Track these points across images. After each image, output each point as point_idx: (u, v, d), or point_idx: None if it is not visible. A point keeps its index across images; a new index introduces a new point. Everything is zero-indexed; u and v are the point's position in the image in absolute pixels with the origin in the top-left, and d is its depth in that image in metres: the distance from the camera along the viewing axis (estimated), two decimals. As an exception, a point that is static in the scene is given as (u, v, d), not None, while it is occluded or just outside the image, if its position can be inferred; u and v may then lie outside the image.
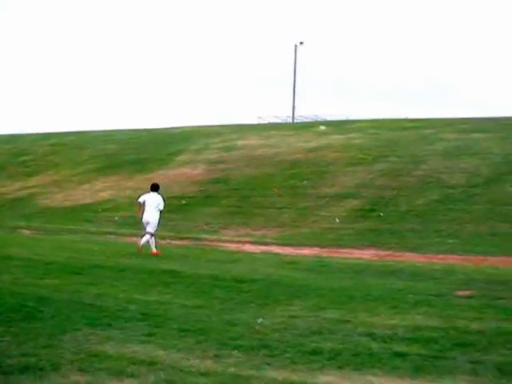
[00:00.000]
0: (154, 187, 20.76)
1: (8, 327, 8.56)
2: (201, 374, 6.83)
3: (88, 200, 36.31)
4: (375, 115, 65.56)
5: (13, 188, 42.18)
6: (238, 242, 24.37)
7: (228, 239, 25.11)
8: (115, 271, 14.69)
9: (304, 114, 70.86)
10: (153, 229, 20.03)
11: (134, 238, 24.94)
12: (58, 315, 9.40)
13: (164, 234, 26.17)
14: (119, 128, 60.63)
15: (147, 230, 19.97)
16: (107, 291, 11.90)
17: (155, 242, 20.02)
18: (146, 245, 19.74)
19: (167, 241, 24.43)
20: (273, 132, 47.97)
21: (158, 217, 20.32)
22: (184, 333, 8.61)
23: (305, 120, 67.23)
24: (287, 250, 21.82)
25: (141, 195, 20.98)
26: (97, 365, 7.03)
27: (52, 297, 10.95)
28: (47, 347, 7.67)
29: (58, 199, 37.64)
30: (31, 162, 48.17)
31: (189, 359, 7.39)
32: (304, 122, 62.69)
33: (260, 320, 9.43)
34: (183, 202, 32.61)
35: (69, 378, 6.62)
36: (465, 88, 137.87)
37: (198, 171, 38.39)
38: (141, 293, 11.91)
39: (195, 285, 13.04)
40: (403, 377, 6.88)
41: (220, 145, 44.46)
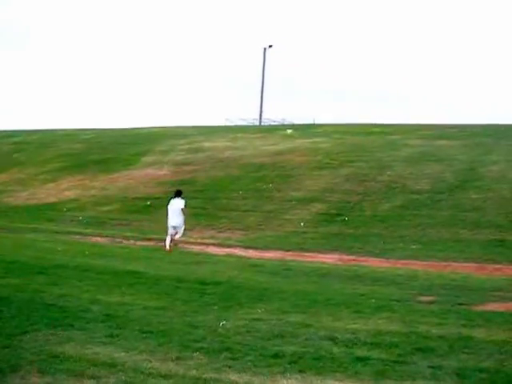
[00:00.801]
0: (178, 193, 22.72)
1: (-33, 327, 8.47)
2: (162, 377, 6.80)
3: (52, 199, 35.98)
4: (342, 119, 65.89)
5: (-25, 186, 41.67)
6: (203, 244, 24.32)
7: (192, 241, 25.03)
8: (79, 271, 14.57)
9: (271, 117, 71.07)
10: (180, 234, 22.26)
11: (99, 239, 24.85)
12: (19, 315, 9.30)
13: (128, 235, 26.10)
14: (85, 127, 60.29)
15: (172, 233, 22.12)
16: (70, 291, 11.80)
17: (171, 242, 21.96)
18: (176, 241, 22.25)
19: (131, 241, 24.32)
20: (240, 135, 48.02)
21: (182, 218, 22.19)
22: (146, 334, 8.56)
23: (272, 123, 67.38)
24: (251, 253, 21.82)
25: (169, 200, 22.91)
26: (57, 366, 6.97)
27: (13, 297, 10.81)
28: (6, 348, 7.59)
29: (22, 198, 37.25)
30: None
31: (150, 361, 7.35)
32: (271, 125, 62.83)
33: (223, 323, 9.41)
34: (148, 203, 32.49)
35: (28, 380, 6.55)
36: (429, 94, 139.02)
37: (164, 172, 38.28)
38: (104, 293, 11.84)
39: (158, 286, 12.99)
40: (364, 381, 6.91)
41: (186, 146, 44.39)
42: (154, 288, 12.77)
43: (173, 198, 22.56)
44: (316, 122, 61.52)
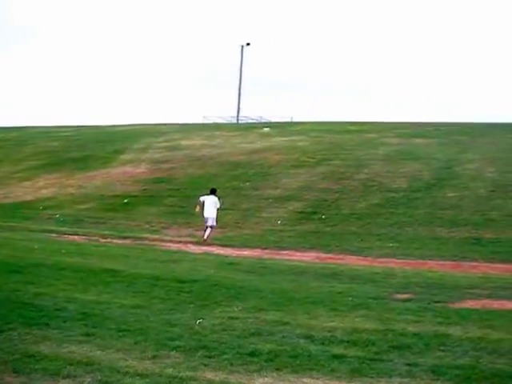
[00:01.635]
0: (213, 191, 25.55)
1: None
2: (138, 375, 6.77)
3: (29, 197, 35.78)
4: (320, 116, 66.05)
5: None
6: (180, 242, 24.29)
7: (170, 239, 25.01)
8: (55, 270, 14.47)
9: (248, 115, 71.00)
10: (212, 222, 24.84)
11: (76, 237, 24.72)
12: (-6, 314, 9.23)
13: (105, 233, 26.00)
14: (63, 124, 59.95)
15: (208, 224, 24.73)
16: (46, 290, 11.71)
17: (210, 234, 24.52)
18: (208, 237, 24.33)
19: (108, 239, 24.22)
20: (217, 133, 48.03)
21: (216, 213, 24.98)
22: (122, 333, 8.53)
23: (249, 121, 67.32)
24: (229, 251, 21.81)
25: (200, 196, 25.48)
26: (32, 365, 6.90)
27: (-12, 295, 10.75)
28: (-20, 347, 7.53)
29: (-2, 196, 37.02)
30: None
31: (127, 360, 7.32)
32: (248, 123, 62.80)
33: (199, 321, 9.40)
34: (125, 201, 32.41)
35: (2, 380, 6.48)
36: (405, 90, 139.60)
37: (142, 170, 38.19)
38: (80, 292, 11.77)
39: (135, 284, 12.94)
40: (341, 379, 6.92)
41: (164, 144, 44.33)
42: (131, 286, 12.72)
43: (208, 195, 25.17)
44: (294, 120, 61.61)
